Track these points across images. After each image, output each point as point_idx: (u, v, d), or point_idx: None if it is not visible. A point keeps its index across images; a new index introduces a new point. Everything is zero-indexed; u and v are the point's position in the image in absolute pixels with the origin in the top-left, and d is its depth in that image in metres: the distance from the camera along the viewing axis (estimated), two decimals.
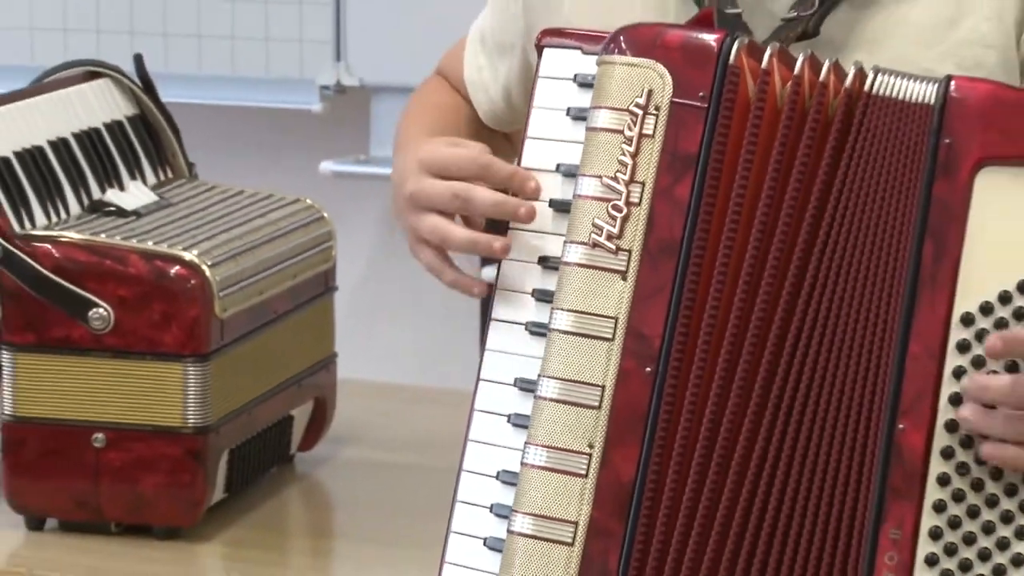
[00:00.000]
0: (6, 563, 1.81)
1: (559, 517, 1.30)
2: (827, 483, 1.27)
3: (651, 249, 1.29)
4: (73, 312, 1.80)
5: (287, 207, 2.02)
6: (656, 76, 1.30)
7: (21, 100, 1.95)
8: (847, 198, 1.27)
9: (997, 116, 1.24)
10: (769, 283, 1.28)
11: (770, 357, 1.28)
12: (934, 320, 1.24)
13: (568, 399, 1.30)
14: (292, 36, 3.09)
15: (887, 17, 1.40)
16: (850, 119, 1.27)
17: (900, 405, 1.25)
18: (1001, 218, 1.24)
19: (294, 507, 1.98)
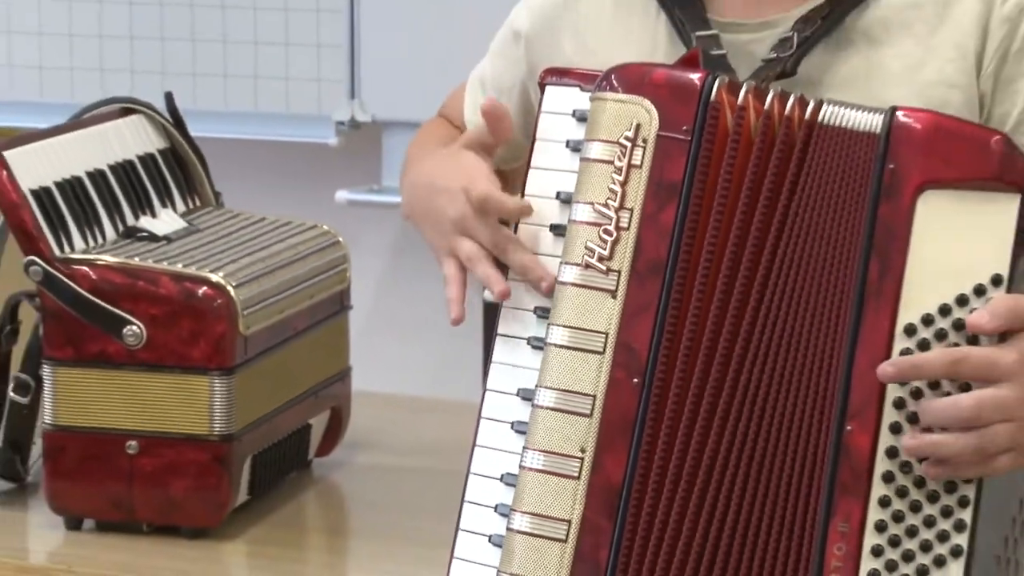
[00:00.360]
0: (47, 560, 1.81)
1: (554, 516, 1.30)
2: (783, 480, 1.28)
3: (639, 270, 1.30)
4: (109, 329, 1.79)
5: (305, 233, 2.02)
6: (644, 111, 1.30)
7: (61, 135, 1.94)
8: (802, 220, 1.28)
9: (938, 143, 1.25)
10: (737, 299, 1.28)
11: (736, 367, 1.28)
12: (879, 331, 1.24)
13: (563, 407, 1.30)
14: (310, 76, 3.09)
15: (860, 59, 1.40)
16: (806, 147, 1.27)
17: (848, 409, 1.25)
18: (941, 237, 1.24)
19: (312, 508, 1.97)
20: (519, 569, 1.31)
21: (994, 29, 1.38)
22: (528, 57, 1.52)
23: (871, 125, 1.26)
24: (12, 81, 3.25)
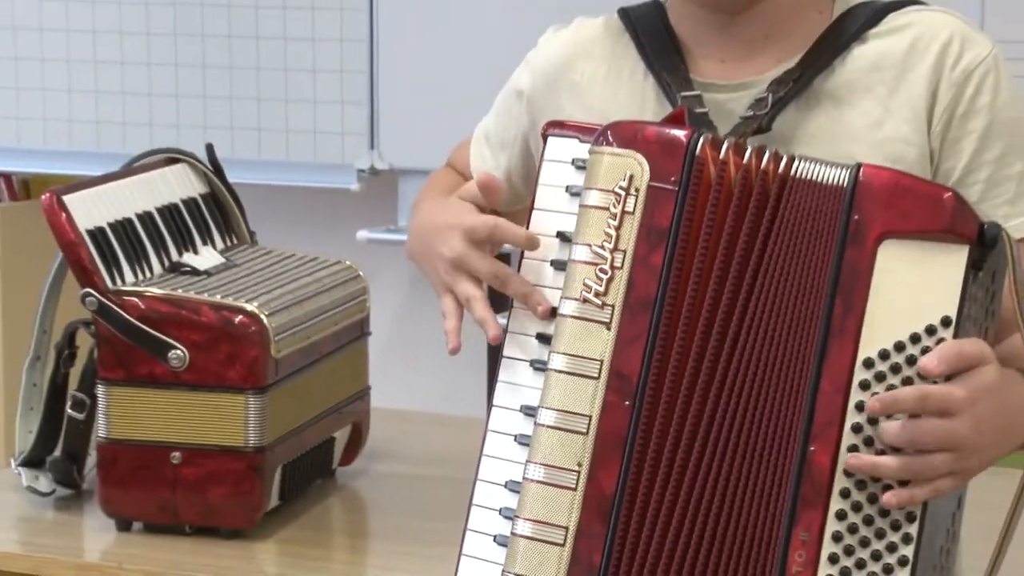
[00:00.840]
0: (100, 558, 1.81)
1: (553, 523, 1.30)
2: (754, 492, 1.28)
3: (631, 305, 1.30)
4: (155, 353, 1.80)
5: (330, 267, 2.02)
6: (636, 164, 1.30)
7: (115, 181, 1.95)
8: (775, 262, 1.28)
9: (897, 198, 1.25)
10: (717, 332, 1.28)
11: (715, 392, 1.28)
12: (841, 363, 1.25)
13: (562, 426, 1.30)
14: (335, 129, 3.10)
15: (826, 118, 1.40)
16: (780, 198, 1.27)
17: (812, 431, 1.25)
18: (898, 281, 1.24)
19: (335, 512, 1.97)
20: (522, 569, 1.31)
21: (942, 94, 1.39)
22: (530, 113, 1.53)
23: (839, 179, 1.26)
24: (71, 134, 3.25)
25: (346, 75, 3.09)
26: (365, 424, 2.06)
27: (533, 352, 1.34)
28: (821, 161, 1.28)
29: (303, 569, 1.79)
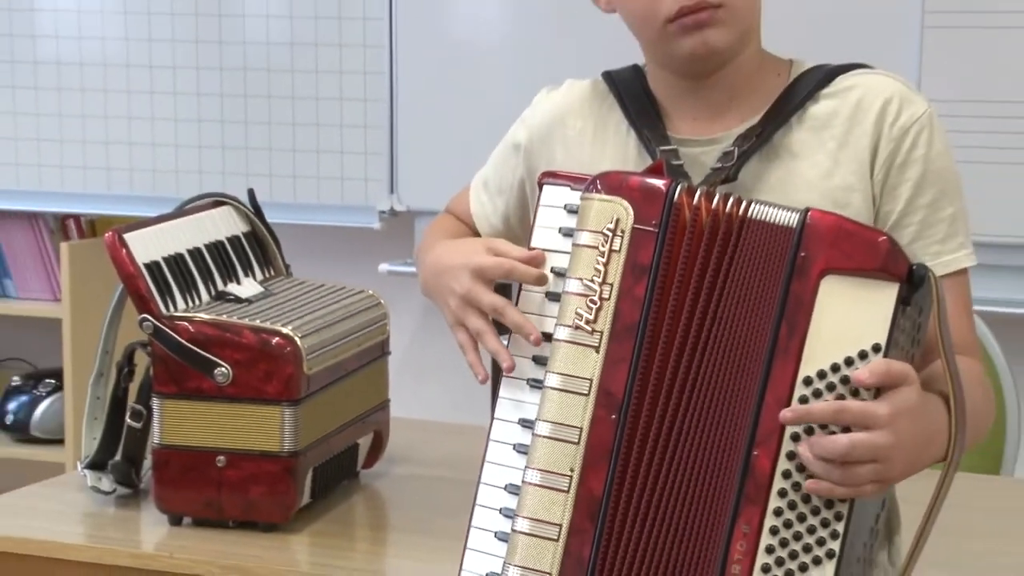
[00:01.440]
0: (154, 549, 1.80)
1: (548, 521, 1.30)
2: (704, 490, 1.28)
3: (617, 331, 1.30)
4: (203, 370, 1.79)
5: (355, 296, 2.01)
6: (622, 209, 1.30)
7: (168, 221, 1.95)
8: (733, 292, 1.28)
9: (839, 240, 1.25)
10: (688, 354, 1.29)
11: (685, 407, 1.29)
12: (784, 379, 1.25)
13: (556, 436, 1.31)
14: (359, 176, 3.10)
15: (784, 169, 1.40)
16: (739, 236, 1.28)
17: (756, 438, 1.26)
18: (837, 311, 1.25)
19: (359, 509, 1.96)
20: (521, 562, 1.31)
21: (883, 147, 1.40)
22: (526, 163, 1.53)
23: (790, 221, 1.26)
24: (131, 181, 3.26)
25: (369, 130, 3.09)
26: (385, 432, 2.05)
27: (529, 372, 1.34)
28: (775, 205, 1.28)
29: (331, 558, 1.78)
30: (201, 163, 3.18)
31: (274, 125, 3.16)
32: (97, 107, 3.26)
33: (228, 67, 3.18)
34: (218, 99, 3.19)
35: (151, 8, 3.20)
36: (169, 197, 2.47)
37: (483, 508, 1.35)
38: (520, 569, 1.31)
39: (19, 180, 3.32)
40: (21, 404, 3.34)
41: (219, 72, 3.18)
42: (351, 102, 3.10)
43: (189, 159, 3.19)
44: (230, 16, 3.15)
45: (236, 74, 3.17)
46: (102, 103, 3.26)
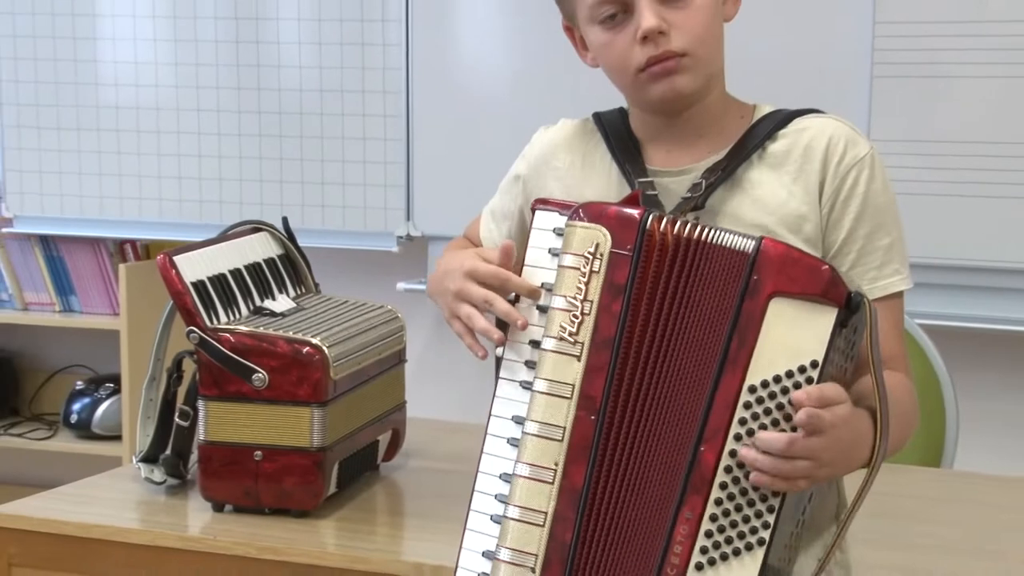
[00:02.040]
0: (200, 532, 1.80)
1: (536, 508, 1.30)
2: (656, 480, 1.28)
3: (596, 342, 1.30)
4: (242, 376, 1.79)
5: (376, 310, 2.01)
6: (602, 235, 1.30)
7: (212, 245, 1.95)
8: (690, 307, 1.28)
9: (787, 266, 1.25)
10: (653, 361, 1.29)
11: (650, 408, 1.29)
12: (731, 386, 1.25)
13: (543, 435, 1.31)
14: (379, 206, 3.11)
15: (747, 197, 1.40)
16: (698, 257, 1.27)
17: (704, 436, 1.26)
18: (781, 329, 1.24)
19: (379, 497, 1.96)
20: (512, 544, 1.31)
21: (828, 183, 1.40)
22: (524, 192, 1.53)
23: (745, 247, 1.26)
24: (180, 209, 3.26)
25: (388, 166, 3.10)
26: (402, 430, 2.05)
27: (522, 375, 1.34)
28: (734, 232, 1.28)
29: (354, 541, 1.78)
30: (241, 195, 3.18)
31: (305, 162, 3.16)
32: (151, 146, 3.26)
33: (265, 111, 3.18)
34: (257, 139, 3.19)
35: (199, 60, 3.20)
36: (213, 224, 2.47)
37: (480, 494, 1.35)
38: (510, 551, 1.31)
39: (83, 210, 3.32)
40: (84, 405, 3.34)
41: (257, 115, 3.19)
42: (372, 141, 3.11)
43: (231, 191, 3.19)
44: (267, 66, 3.16)
45: (272, 117, 3.18)
46: (155, 143, 3.26)
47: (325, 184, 3.14)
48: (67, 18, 3.27)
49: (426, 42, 3.03)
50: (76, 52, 3.28)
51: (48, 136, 3.32)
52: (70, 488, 1.99)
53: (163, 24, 3.22)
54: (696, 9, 1.36)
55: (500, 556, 1.31)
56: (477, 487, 1.35)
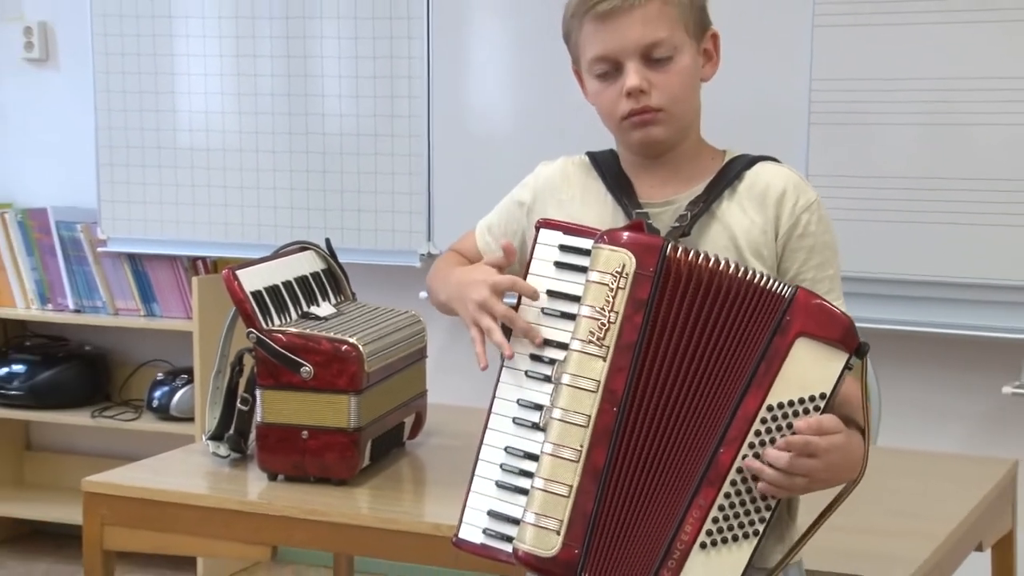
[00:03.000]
0: (257, 498, 1.80)
1: (562, 482, 1.27)
2: (680, 472, 1.27)
3: (620, 346, 1.28)
4: (292, 368, 1.79)
5: (402, 315, 2.01)
6: (627, 257, 1.28)
7: (268, 261, 1.96)
8: (714, 327, 1.27)
9: (814, 313, 1.25)
10: (676, 368, 1.28)
11: (672, 406, 1.27)
12: (753, 403, 1.24)
13: (566, 420, 1.28)
14: (405, 229, 3.11)
15: (718, 225, 1.39)
16: (731, 291, 1.27)
17: (724, 440, 1.24)
18: (801, 364, 1.24)
19: (405, 469, 1.95)
20: (540, 510, 1.28)
21: (783, 222, 1.39)
22: (528, 217, 1.51)
23: (783, 292, 1.27)
24: (243, 232, 3.27)
25: (412, 196, 3.10)
26: (424, 413, 2.04)
27: (526, 365, 1.32)
28: (773, 278, 1.29)
29: (384, 504, 1.77)
30: (292, 220, 3.18)
31: (344, 193, 3.16)
32: (219, 180, 3.27)
33: (312, 151, 3.18)
34: (304, 174, 3.19)
35: (257, 110, 3.21)
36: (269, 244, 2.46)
37: (484, 462, 1.33)
38: (538, 515, 1.28)
39: (163, 232, 3.33)
40: (163, 392, 3.34)
41: (305, 155, 3.18)
42: (399, 176, 3.10)
43: (283, 217, 3.19)
44: (314, 115, 3.17)
45: (317, 156, 3.17)
46: (222, 178, 3.26)
47: (360, 211, 3.14)
48: (151, 77, 3.28)
49: (443, 96, 3.03)
50: (158, 104, 3.29)
51: (135, 173, 3.32)
52: (151, 461, 1.98)
53: (229, 81, 3.23)
54: (674, 73, 1.35)
55: (528, 520, 1.28)
56: (482, 456, 1.33)
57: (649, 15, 1.32)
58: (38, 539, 3.55)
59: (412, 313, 2.04)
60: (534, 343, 1.31)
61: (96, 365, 3.50)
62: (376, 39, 3.06)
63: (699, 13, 1.37)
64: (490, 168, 2.92)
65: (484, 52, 3.03)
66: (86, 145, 3.36)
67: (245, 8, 3.16)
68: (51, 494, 3.49)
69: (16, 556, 3.46)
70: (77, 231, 3.38)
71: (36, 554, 3.47)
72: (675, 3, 1.34)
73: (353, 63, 3.10)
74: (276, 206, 3.21)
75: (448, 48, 2.99)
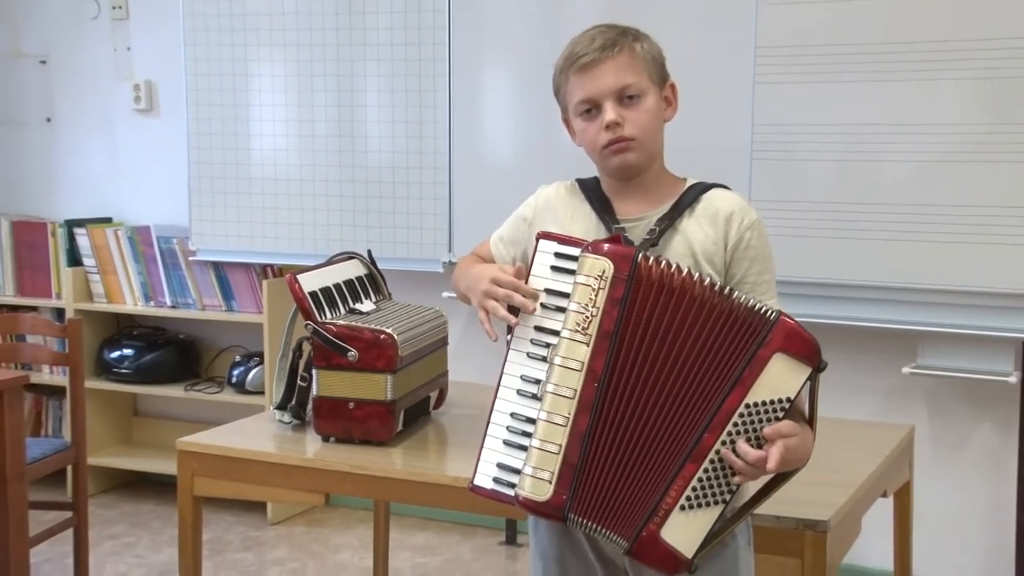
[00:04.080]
0: (313, 455, 1.79)
1: (554, 442, 1.26)
2: (668, 447, 1.25)
3: (600, 334, 1.26)
4: (341, 353, 1.78)
5: (428, 310, 2.00)
6: (607, 264, 1.27)
7: (322, 268, 1.94)
8: (681, 329, 1.25)
9: (793, 336, 1.24)
10: (637, 351, 1.25)
11: (633, 383, 1.25)
12: (736, 399, 1.23)
13: (559, 394, 1.26)
14: (431, 242, 3.09)
15: (680, 237, 1.37)
16: (739, 310, 1.25)
17: (709, 427, 1.22)
18: (776, 373, 1.23)
19: (431, 434, 1.94)
20: (536, 464, 1.27)
21: (731, 237, 1.37)
22: (530, 230, 1.49)
23: (770, 313, 1.25)
24: (302, 244, 3.25)
25: (436, 216, 3.08)
26: (446, 389, 2.03)
27: (528, 347, 1.30)
28: (759, 300, 1.27)
29: (414, 461, 1.76)
30: (341, 234, 3.16)
31: (382, 213, 3.14)
32: (284, 203, 3.26)
33: (357, 180, 3.17)
34: (351, 199, 3.17)
35: (315, 147, 3.20)
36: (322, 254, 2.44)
37: (494, 424, 1.32)
38: (535, 468, 1.27)
39: (240, 245, 3.32)
40: (241, 371, 3.33)
41: (352, 183, 3.17)
42: (426, 199, 3.08)
43: (334, 232, 3.18)
44: (359, 152, 3.16)
45: (361, 184, 3.16)
46: (286, 201, 3.26)
47: (395, 228, 3.13)
48: (231, 122, 3.27)
49: (461, 135, 3.01)
50: (237, 144, 3.28)
51: (219, 198, 3.31)
52: (230, 426, 1.97)
53: (292, 125, 3.22)
54: (642, 111, 1.36)
55: (527, 472, 1.28)
56: (493, 420, 1.32)
57: (620, 65, 1.33)
58: (143, 486, 3.56)
59: (436, 309, 2.03)
60: (528, 311, 1.30)
61: (188, 349, 3.50)
62: (408, 92, 3.06)
63: (660, 67, 1.38)
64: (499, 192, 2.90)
65: (494, 101, 3.02)
66: (181, 176, 3.38)
67: (305, 68, 3.17)
68: (153, 451, 3.50)
69: (126, 499, 3.48)
70: (173, 244, 3.39)
71: (142, 498, 3.48)
72: (640, 57, 1.35)
73: (390, 111, 3.10)
74: (328, 224, 3.20)
75: (465, 98, 2.99)
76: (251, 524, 3.25)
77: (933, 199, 2.51)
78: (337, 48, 3.12)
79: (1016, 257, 2.45)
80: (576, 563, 1.40)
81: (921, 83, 2.48)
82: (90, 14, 3.56)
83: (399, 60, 3.05)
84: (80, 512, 2.66)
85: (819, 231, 2.61)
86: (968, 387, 2.70)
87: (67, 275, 3.44)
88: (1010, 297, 2.47)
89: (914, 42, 2.48)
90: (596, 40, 1.34)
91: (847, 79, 2.55)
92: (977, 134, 2.45)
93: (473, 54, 2.97)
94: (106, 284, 3.45)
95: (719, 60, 2.66)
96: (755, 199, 2.61)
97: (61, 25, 3.60)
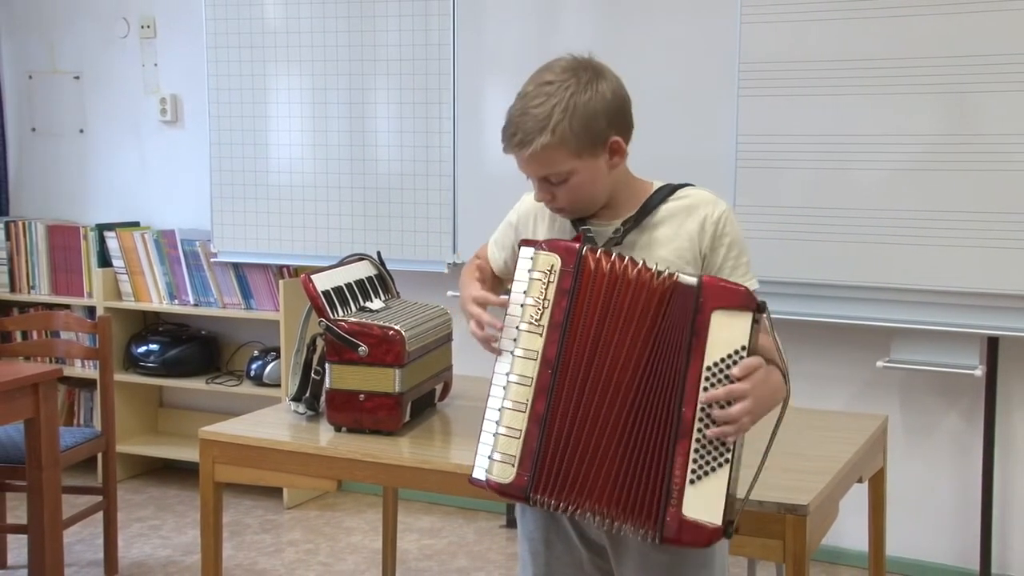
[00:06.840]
0: (326, 444, 1.77)
1: (514, 427, 1.26)
2: (654, 429, 1.23)
3: (552, 325, 1.25)
4: (352, 348, 1.77)
5: (434, 309, 1.98)
6: (555, 258, 1.27)
7: (334, 268, 1.93)
8: (625, 312, 1.24)
9: (720, 291, 1.22)
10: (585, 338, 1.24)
11: (584, 367, 1.25)
12: (696, 367, 1.21)
13: (519, 382, 1.26)
14: (436, 244, 3.08)
15: (648, 237, 1.36)
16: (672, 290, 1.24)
17: (683, 400, 1.21)
18: (721, 329, 1.21)
19: (436, 424, 1.93)
20: (501, 449, 1.27)
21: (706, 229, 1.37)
22: (515, 234, 1.49)
23: (693, 282, 1.23)
24: (316, 247, 3.25)
25: (441, 220, 3.07)
26: (450, 382, 2.01)
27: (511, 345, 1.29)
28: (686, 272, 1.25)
29: (421, 449, 1.75)
30: (352, 237, 3.15)
31: (391, 217, 3.14)
32: (299, 208, 3.25)
33: (367, 187, 3.16)
34: (362, 204, 3.16)
35: (328, 156, 3.19)
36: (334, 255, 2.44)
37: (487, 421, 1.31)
38: (500, 453, 1.28)
39: (258, 247, 3.32)
40: (259, 365, 3.32)
41: (363, 190, 3.16)
42: (431, 205, 3.08)
43: (346, 235, 3.17)
44: (370, 160, 3.15)
45: (372, 190, 3.15)
46: (301, 207, 3.25)
47: (403, 231, 3.12)
48: (251, 133, 3.27)
49: (464, 145, 3.01)
50: (255, 153, 3.27)
51: (239, 203, 3.30)
52: (249, 416, 1.96)
53: (307, 135, 3.21)
54: (570, 189, 1.34)
55: (494, 458, 1.28)
56: (487, 416, 1.32)
57: (535, 156, 1.29)
58: (168, 472, 3.56)
59: (441, 307, 2.01)
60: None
61: (209, 345, 3.49)
62: (415, 104, 3.05)
63: (590, 136, 1.29)
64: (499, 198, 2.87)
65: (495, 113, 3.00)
66: (203, 183, 3.39)
67: (319, 82, 3.16)
68: (177, 440, 3.50)
69: (152, 484, 3.47)
70: (196, 246, 3.38)
71: (167, 483, 3.48)
72: (558, 143, 1.28)
73: (398, 122, 3.09)
74: (341, 227, 3.19)
75: (468, 110, 2.99)
76: (268, 508, 3.24)
77: (904, 204, 2.52)
78: (349, 64, 3.12)
79: (981, 258, 2.46)
80: (561, 547, 1.39)
81: (892, 97, 2.50)
82: (120, 33, 3.58)
83: (407, 74, 3.05)
84: (110, 496, 2.67)
85: (798, 234, 2.61)
86: (937, 379, 2.71)
87: (98, 275, 3.44)
88: (976, 296, 2.48)
89: (885, 59, 2.50)
90: (516, 133, 1.29)
91: (824, 93, 2.56)
92: (942, 144, 2.46)
93: (476, 69, 2.98)
94: (134, 284, 3.46)
95: (706, 75, 2.66)
96: (739, 204, 2.60)
97: (93, 44, 3.62)
